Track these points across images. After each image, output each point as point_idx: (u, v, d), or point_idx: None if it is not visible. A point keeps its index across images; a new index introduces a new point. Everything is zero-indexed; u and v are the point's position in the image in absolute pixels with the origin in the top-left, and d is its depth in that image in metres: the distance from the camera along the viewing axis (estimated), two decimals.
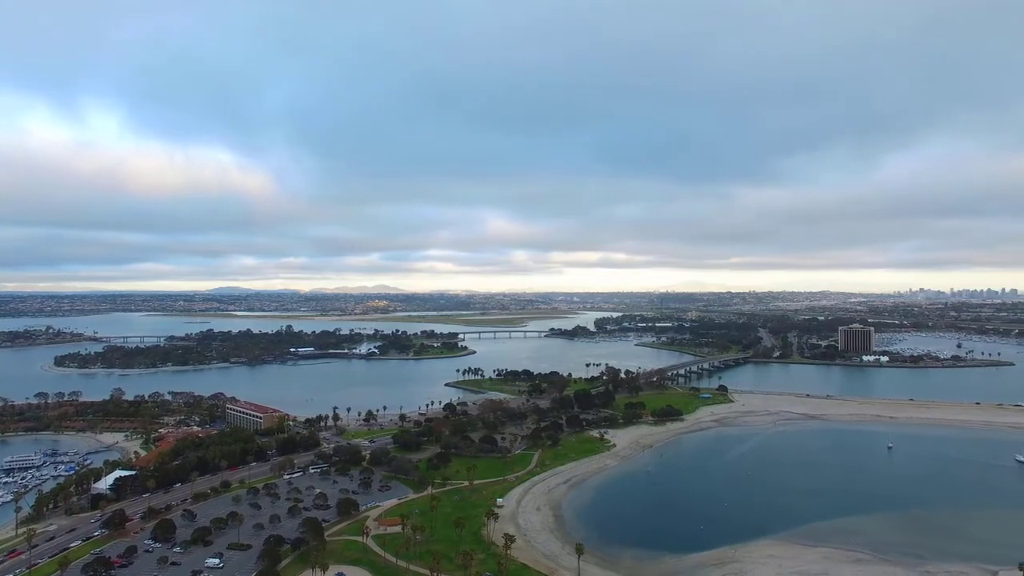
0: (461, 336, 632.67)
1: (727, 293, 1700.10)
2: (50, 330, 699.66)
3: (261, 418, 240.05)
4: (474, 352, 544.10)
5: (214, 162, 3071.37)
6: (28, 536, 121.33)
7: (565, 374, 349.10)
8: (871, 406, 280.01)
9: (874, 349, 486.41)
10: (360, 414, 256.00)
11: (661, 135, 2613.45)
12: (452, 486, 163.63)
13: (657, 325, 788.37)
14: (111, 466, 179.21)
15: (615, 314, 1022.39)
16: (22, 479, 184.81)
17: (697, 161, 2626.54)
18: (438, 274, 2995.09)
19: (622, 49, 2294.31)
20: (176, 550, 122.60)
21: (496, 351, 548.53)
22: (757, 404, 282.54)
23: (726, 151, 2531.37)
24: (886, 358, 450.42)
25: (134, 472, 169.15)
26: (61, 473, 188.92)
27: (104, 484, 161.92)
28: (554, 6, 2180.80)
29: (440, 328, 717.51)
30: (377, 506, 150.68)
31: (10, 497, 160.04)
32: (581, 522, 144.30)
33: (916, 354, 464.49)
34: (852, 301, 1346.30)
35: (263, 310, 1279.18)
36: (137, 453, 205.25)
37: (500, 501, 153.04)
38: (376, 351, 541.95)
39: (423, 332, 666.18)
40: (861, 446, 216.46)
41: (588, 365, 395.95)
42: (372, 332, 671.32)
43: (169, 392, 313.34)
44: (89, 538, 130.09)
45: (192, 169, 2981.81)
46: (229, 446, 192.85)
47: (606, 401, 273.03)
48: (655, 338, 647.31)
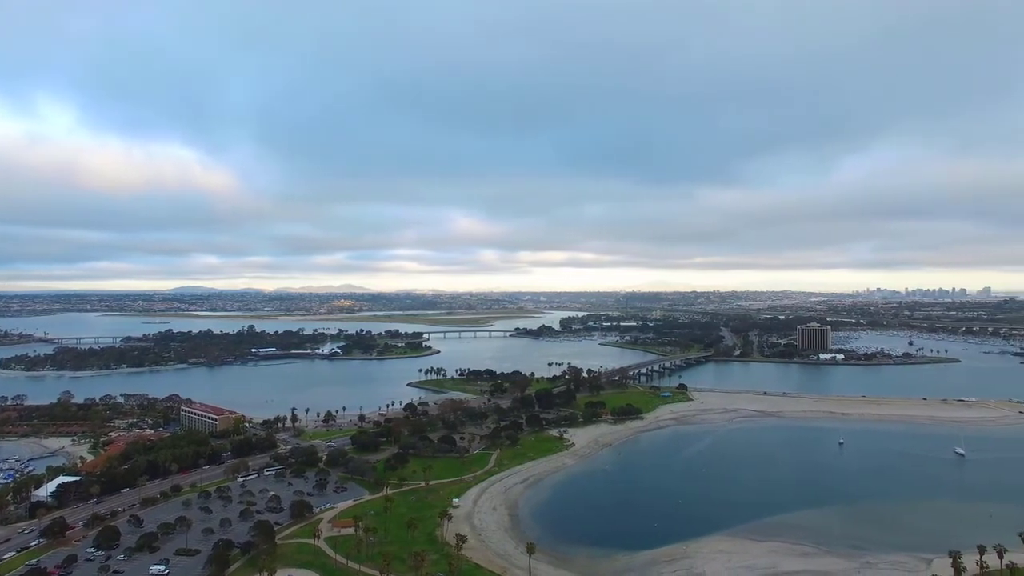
0: (426, 336, 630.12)
1: (692, 293, 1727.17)
2: None
3: (216, 420, 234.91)
4: (438, 352, 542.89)
5: (175, 159, 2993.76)
6: None
7: (528, 373, 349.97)
8: (825, 403, 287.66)
9: (831, 347, 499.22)
10: (319, 415, 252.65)
11: (625, 136, 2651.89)
12: (409, 487, 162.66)
13: (622, 324, 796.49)
14: (54, 472, 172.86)
15: (581, 314, 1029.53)
16: None
17: (661, 162, 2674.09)
18: (405, 273, 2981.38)
19: (586, 50, 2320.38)
20: (120, 557, 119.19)
21: (461, 351, 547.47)
22: (716, 402, 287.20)
23: (689, 153, 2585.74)
24: (842, 356, 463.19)
25: (79, 478, 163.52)
26: None
27: (45, 491, 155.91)
28: (519, 6, 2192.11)
29: (405, 328, 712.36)
30: (332, 508, 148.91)
31: None
32: (537, 521, 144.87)
33: (870, 352, 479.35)
34: (813, 300, 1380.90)
35: (225, 310, 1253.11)
36: (83, 458, 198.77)
37: (456, 501, 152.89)
38: (339, 351, 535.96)
39: (388, 332, 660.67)
40: (813, 442, 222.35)
41: (551, 364, 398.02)
42: (336, 332, 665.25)
43: (122, 394, 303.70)
44: (25, 548, 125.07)
45: (152, 166, 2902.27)
46: (181, 449, 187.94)
47: (567, 400, 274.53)
48: (619, 337, 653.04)
